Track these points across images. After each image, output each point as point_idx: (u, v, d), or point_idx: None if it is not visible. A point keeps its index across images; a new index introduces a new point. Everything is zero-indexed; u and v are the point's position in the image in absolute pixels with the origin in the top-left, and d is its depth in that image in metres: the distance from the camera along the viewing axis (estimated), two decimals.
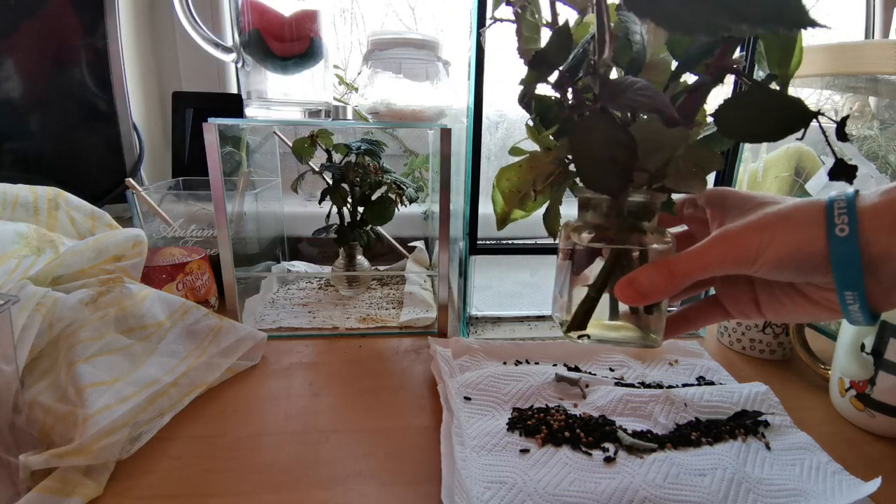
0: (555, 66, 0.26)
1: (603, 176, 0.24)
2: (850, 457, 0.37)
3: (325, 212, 0.64)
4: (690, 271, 0.24)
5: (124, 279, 0.43)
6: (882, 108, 0.68)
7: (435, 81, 0.52)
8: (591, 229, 0.28)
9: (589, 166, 0.24)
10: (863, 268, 0.22)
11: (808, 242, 0.22)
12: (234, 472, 0.35)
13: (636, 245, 0.27)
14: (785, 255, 0.23)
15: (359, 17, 0.90)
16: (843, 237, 0.22)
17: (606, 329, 0.28)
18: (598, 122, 0.24)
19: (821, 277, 0.23)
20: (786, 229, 0.23)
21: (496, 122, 0.55)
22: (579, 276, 0.28)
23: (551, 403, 0.42)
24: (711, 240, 0.24)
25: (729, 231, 0.24)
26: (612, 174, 0.24)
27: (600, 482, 0.33)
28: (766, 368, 0.52)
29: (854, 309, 0.23)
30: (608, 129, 0.24)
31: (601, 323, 0.28)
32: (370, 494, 0.33)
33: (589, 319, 0.27)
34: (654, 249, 0.26)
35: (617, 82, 0.24)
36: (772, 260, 0.23)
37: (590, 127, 0.24)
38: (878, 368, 0.39)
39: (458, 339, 0.52)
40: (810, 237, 0.22)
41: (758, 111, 0.23)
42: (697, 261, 0.24)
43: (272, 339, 0.53)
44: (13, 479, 0.31)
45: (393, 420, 0.41)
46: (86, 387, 0.35)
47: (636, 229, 0.27)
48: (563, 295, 0.29)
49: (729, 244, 0.24)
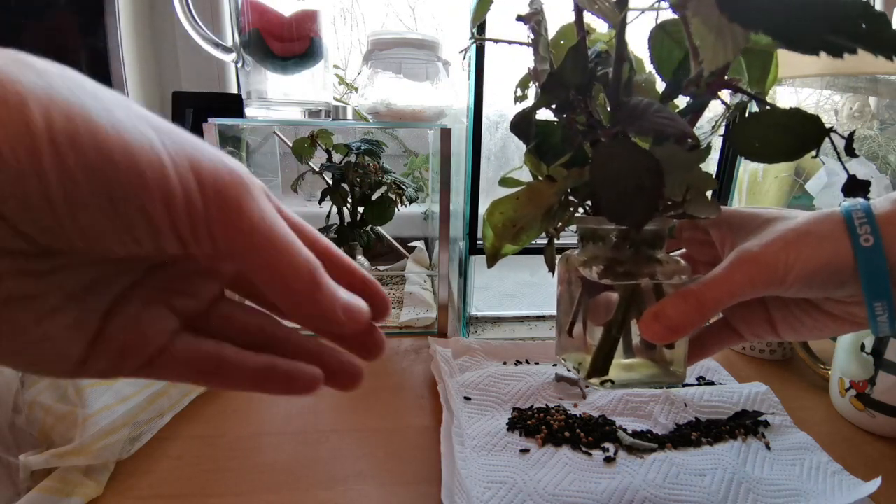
0: (569, 89, 0.24)
1: (630, 206, 0.22)
2: (850, 457, 0.37)
3: (325, 212, 0.64)
4: (720, 298, 0.23)
5: None
6: (882, 108, 0.68)
7: (435, 81, 0.52)
8: (599, 262, 0.25)
9: (614, 197, 0.22)
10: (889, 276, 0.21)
11: (835, 254, 0.22)
12: (234, 472, 0.35)
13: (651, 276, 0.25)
14: (814, 271, 0.22)
15: (359, 17, 0.90)
16: (869, 247, 0.21)
17: (626, 370, 0.26)
18: (620, 148, 0.22)
19: (848, 290, 0.23)
20: (810, 244, 0.22)
21: (496, 122, 0.55)
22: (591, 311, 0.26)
23: (551, 403, 0.42)
24: (734, 262, 0.23)
25: (751, 252, 0.23)
26: (639, 203, 0.22)
27: (600, 482, 0.33)
28: (766, 368, 0.52)
29: (883, 320, 0.22)
30: (632, 155, 0.22)
31: (618, 363, 0.26)
32: (370, 494, 0.33)
33: (611, 362, 0.25)
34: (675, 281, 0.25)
35: (634, 105, 0.22)
36: (802, 277, 0.22)
37: (612, 153, 0.22)
38: (878, 368, 0.39)
39: (458, 339, 0.52)
40: (836, 249, 0.22)
41: (774, 130, 0.23)
42: (725, 286, 0.23)
43: None
44: (13, 479, 0.31)
45: (393, 420, 0.41)
46: (86, 387, 0.35)
47: (649, 259, 0.25)
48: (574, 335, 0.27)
49: (755, 265, 0.22)
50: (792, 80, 0.71)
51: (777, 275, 0.22)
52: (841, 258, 0.22)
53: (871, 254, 0.21)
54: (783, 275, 0.22)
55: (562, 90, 0.24)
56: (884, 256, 0.21)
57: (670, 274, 0.24)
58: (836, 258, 0.22)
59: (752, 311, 0.27)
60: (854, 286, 0.22)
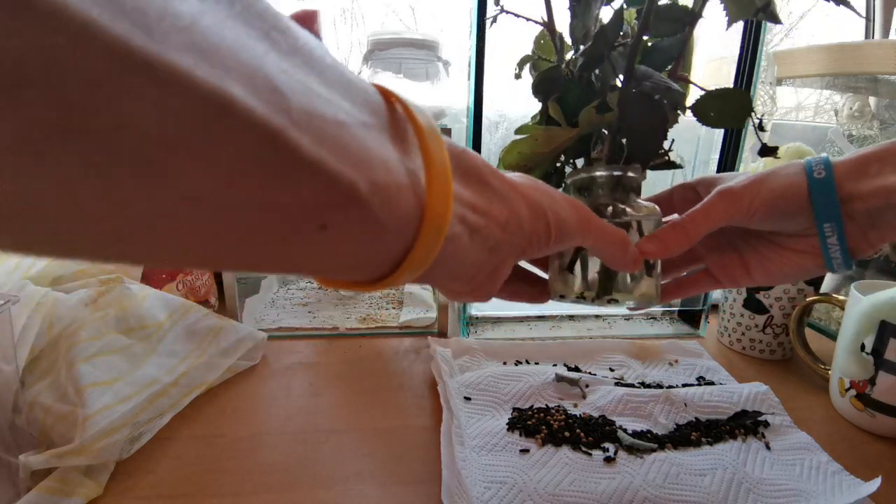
0: (608, 47, 0.30)
1: (647, 143, 0.30)
2: (850, 457, 0.37)
3: None
4: (700, 224, 0.28)
5: (124, 279, 0.43)
6: (882, 108, 0.68)
7: (435, 81, 0.52)
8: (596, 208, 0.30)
9: (637, 136, 0.30)
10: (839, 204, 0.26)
11: (793, 185, 0.27)
12: (234, 472, 0.35)
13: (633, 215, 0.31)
14: (775, 198, 0.27)
15: (359, 17, 0.90)
16: (821, 178, 0.26)
17: (619, 294, 0.31)
18: (642, 99, 0.29)
19: (804, 219, 0.27)
20: (774, 179, 0.27)
21: (496, 122, 0.55)
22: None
23: (551, 403, 0.42)
24: (713, 197, 0.28)
25: (727, 187, 0.28)
26: (653, 142, 0.30)
27: (600, 482, 0.33)
28: (766, 368, 0.52)
29: (833, 242, 0.27)
30: (647, 105, 0.29)
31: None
32: (370, 494, 0.33)
33: (612, 285, 0.30)
34: (653, 219, 0.31)
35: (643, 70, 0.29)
36: (765, 203, 0.27)
37: (636, 102, 0.29)
38: (878, 368, 0.39)
39: (458, 339, 0.52)
40: (794, 181, 0.27)
41: (721, 104, 0.30)
42: (705, 215, 0.28)
43: (272, 339, 0.53)
44: (13, 479, 0.31)
45: (393, 420, 0.41)
46: (86, 387, 0.35)
47: (630, 203, 0.31)
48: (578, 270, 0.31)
49: (729, 198, 0.28)
50: (792, 81, 0.71)
51: (744, 203, 0.27)
52: (797, 188, 0.27)
53: (821, 184, 0.26)
54: (749, 203, 0.27)
55: (603, 47, 0.30)
56: (833, 187, 0.26)
57: (646, 213, 0.30)
58: (792, 188, 0.27)
59: (730, 258, 0.32)
60: (809, 215, 0.27)
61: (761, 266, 0.31)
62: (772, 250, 0.30)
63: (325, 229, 0.14)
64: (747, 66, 0.47)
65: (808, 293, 0.51)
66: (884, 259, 0.58)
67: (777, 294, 0.51)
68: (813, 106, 0.84)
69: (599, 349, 0.51)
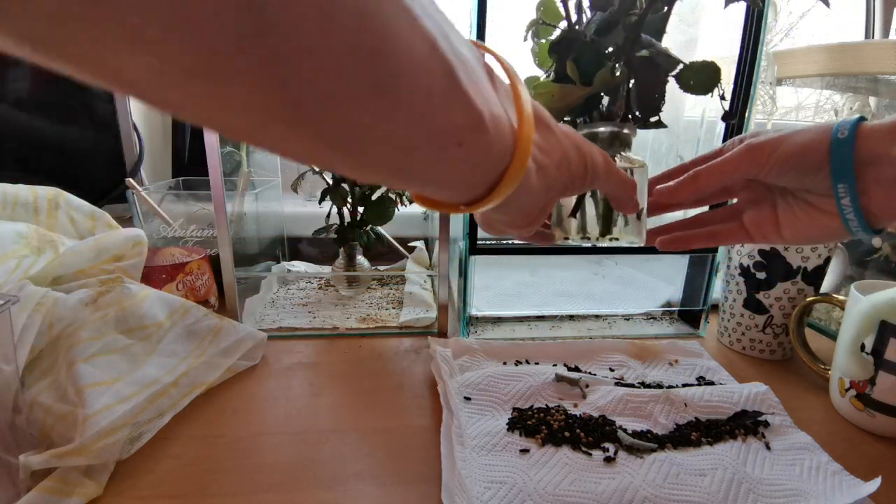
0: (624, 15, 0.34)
1: (652, 100, 0.35)
2: (850, 457, 0.37)
3: (325, 212, 0.64)
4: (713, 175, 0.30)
5: (124, 279, 0.43)
6: (882, 109, 0.68)
7: None
8: None
9: (647, 94, 0.35)
10: (855, 167, 0.26)
11: (814, 142, 0.27)
12: (234, 472, 0.35)
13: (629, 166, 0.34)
14: (790, 154, 0.28)
15: None
16: (843, 139, 0.27)
17: (618, 233, 0.34)
18: (650, 63, 0.34)
19: (824, 177, 0.27)
20: (797, 136, 0.28)
21: None
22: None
23: (551, 403, 0.42)
24: (736, 150, 0.29)
25: (754, 141, 0.29)
26: (658, 99, 0.35)
27: (600, 482, 0.33)
28: (766, 368, 0.52)
29: (846, 203, 0.27)
30: (652, 67, 0.34)
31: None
32: (370, 494, 0.33)
33: (611, 226, 0.34)
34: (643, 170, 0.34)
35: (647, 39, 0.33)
36: (779, 159, 0.28)
37: (645, 65, 0.34)
38: (878, 368, 0.39)
39: (458, 339, 0.52)
40: (817, 138, 0.27)
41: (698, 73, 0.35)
42: (720, 168, 0.30)
43: (272, 339, 0.53)
44: (13, 479, 0.31)
45: (393, 420, 0.41)
46: (86, 387, 0.35)
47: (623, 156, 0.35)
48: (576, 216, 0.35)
49: (750, 150, 0.29)
50: (792, 81, 0.71)
51: (762, 156, 0.28)
52: (818, 144, 0.27)
53: (842, 144, 0.27)
54: (766, 157, 0.28)
55: (620, 14, 0.33)
56: (853, 148, 0.26)
57: (638, 165, 0.33)
58: (813, 144, 0.27)
59: (765, 215, 0.33)
60: (828, 173, 0.27)
61: (791, 224, 0.31)
62: (802, 209, 0.30)
63: (461, 146, 0.18)
64: (747, 66, 0.47)
65: (808, 293, 0.51)
66: (884, 259, 0.58)
67: (777, 294, 0.51)
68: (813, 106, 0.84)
69: (599, 349, 0.51)
